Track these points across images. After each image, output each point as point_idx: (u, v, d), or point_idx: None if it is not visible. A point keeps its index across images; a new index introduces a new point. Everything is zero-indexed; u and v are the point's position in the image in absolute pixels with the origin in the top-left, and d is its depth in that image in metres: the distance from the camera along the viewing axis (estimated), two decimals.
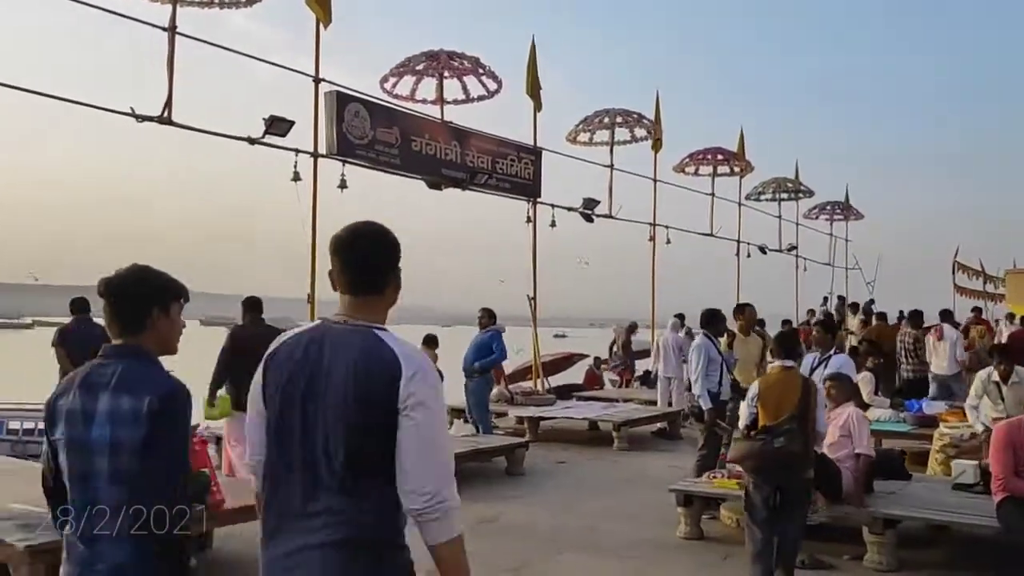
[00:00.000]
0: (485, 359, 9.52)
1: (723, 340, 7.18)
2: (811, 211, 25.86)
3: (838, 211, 26.56)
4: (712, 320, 7.03)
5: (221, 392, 7.21)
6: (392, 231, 2.16)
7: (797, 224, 24.89)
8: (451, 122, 12.61)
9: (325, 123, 10.65)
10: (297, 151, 10.33)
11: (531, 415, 10.75)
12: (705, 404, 6.62)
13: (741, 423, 5.26)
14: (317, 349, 2.04)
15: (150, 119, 8.74)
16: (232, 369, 7.11)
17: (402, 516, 1.98)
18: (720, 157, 19.89)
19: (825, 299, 24.24)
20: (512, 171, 13.64)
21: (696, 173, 20.31)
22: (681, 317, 16.24)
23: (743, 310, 7.86)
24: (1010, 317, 17.36)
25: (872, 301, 21.53)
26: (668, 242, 18.13)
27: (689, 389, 7.06)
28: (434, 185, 12.55)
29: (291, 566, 1.97)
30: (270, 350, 2.12)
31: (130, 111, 8.72)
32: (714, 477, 6.14)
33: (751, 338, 7.80)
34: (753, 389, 5.21)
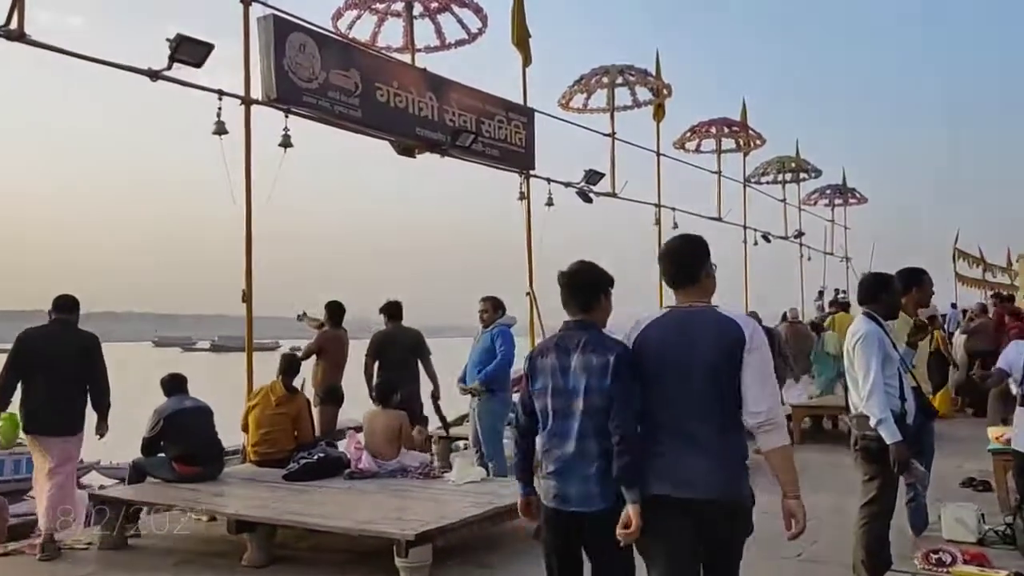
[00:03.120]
0: (489, 369, 6.82)
1: (895, 325, 4.53)
2: (810, 196, 23.74)
3: (838, 195, 24.45)
4: (881, 291, 4.38)
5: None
6: (702, 239, 3.05)
7: (800, 208, 22.65)
8: (426, 68, 9.93)
9: (260, 58, 7.92)
10: (221, 93, 7.58)
11: None
12: (891, 436, 3.96)
13: None
14: (678, 325, 2.89)
15: None
16: (24, 382, 5.70)
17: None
18: (727, 129, 17.48)
19: (820, 293, 22.05)
20: (501, 135, 10.96)
21: (698, 149, 17.91)
22: None
23: (920, 279, 5.15)
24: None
25: None
26: (675, 227, 15.60)
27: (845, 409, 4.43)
28: (406, 150, 9.80)
29: (683, 463, 2.79)
30: (639, 333, 2.96)
31: None
32: (940, 558, 3.52)
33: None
34: None
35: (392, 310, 8.29)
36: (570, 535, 3.00)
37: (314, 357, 8.30)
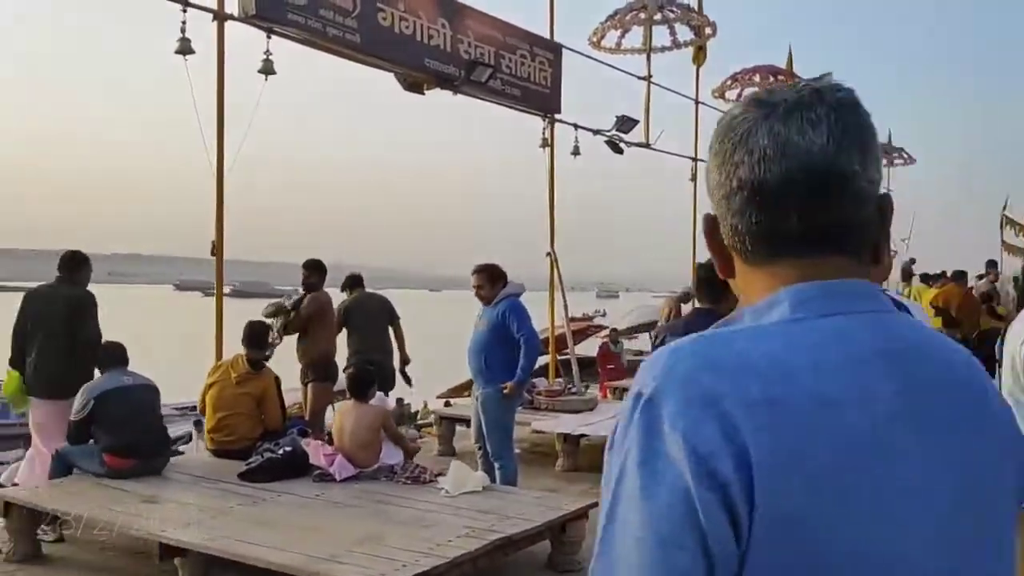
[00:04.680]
0: (523, 363, 5.38)
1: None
2: None
3: (883, 155, 22.80)
4: None
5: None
6: None
7: None
8: None
9: None
10: (187, 5, 6.33)
11: (566, 430, 6.91)
12: None
13: None
14: None
15: None
16: (26, 343, 5.57)
17: None
18: (772, 78, 15.94)
19: None
20: (523, 72, 9.62)
21: (739, 99, 16.41)
22: None
23: None
24: None
25: (913, 261, 17.99)
26: None
27: None
28: (414, 85, 8.52)
29: None
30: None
31: None
32: None
33: None
34: None
35: (354, 282, 7.70)
36: None
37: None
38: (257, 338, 5.75)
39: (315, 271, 7.19)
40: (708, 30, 12.86)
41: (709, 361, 0.72)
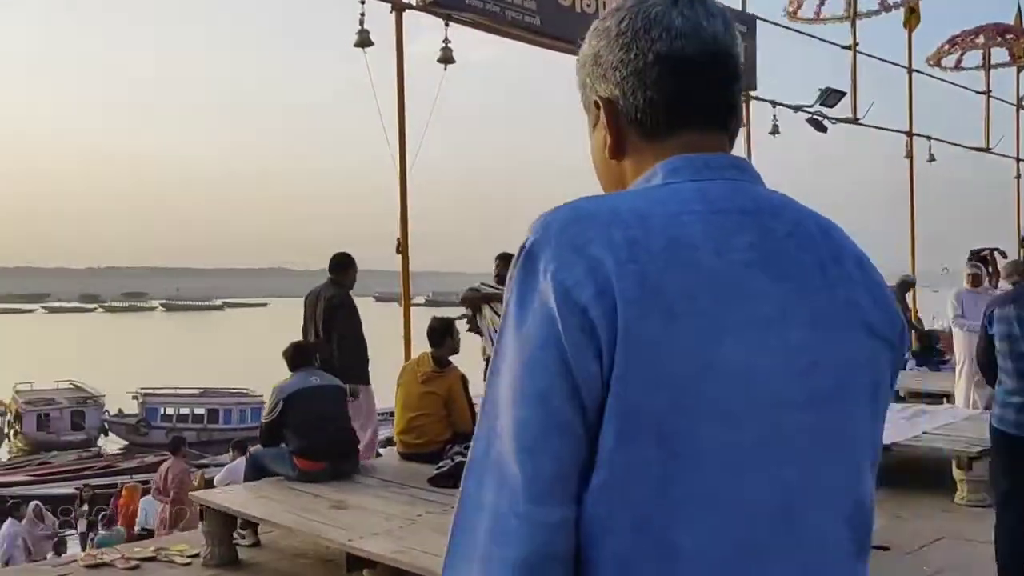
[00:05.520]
0: None
1: None
2: None
3: None
4: None
5: None
6: None
7: None
8: None
9: None
10: None
11: None
12: None
13: None
14: None
15: None
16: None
17: None
18: (998, 37, 14.15)
19: None
20: None
21: (958, 65, 14.68)
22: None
23: None
24: None
25: None
26: (931, 159, 12.81)
27: None
28: None
29: None
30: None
31: None
32: None
33: None
34: None
35: None
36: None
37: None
38: (435, 333, 5.44)
39: (509, 263, 6.88)
40: None
41: (580, 214, 0.81)
